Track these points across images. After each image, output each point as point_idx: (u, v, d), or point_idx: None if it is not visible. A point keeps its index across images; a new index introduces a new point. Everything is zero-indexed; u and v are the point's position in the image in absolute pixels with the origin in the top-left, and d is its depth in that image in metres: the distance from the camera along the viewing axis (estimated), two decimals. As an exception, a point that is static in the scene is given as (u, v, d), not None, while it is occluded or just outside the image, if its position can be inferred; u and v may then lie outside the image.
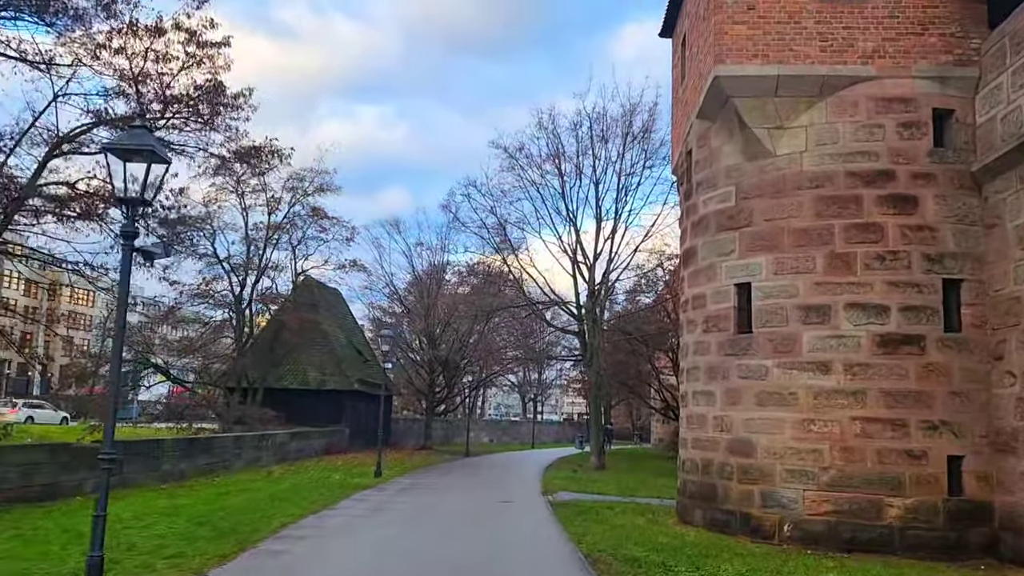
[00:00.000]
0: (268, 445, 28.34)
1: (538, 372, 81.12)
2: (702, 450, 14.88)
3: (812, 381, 13.15)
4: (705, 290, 15.09)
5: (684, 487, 15.65)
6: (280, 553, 10.91)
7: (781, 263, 13.68)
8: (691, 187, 15.98)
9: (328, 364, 38.91)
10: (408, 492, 20.22)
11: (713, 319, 14.79)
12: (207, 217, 32.32)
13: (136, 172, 7.75)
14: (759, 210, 14.08)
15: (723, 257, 14.64)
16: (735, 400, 14.08)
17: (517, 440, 63.93)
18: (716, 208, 14.92)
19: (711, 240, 14.99)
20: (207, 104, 19.36)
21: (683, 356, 16.40)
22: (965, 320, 12.94)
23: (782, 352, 13.48)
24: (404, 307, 47.63)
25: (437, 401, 47.28)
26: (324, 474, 24.55)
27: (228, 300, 33.87)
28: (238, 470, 24.76)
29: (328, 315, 41.49)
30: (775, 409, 13.44)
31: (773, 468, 13.35)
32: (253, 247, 34.06)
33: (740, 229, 14.34)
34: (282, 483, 21.46)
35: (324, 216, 34.14)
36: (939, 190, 13.15)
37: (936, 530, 12.37)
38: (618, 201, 32.75)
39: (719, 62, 13.76)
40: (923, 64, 13.40)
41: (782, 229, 13.74)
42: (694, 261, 15.60)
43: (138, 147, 7.41)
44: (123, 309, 7.52)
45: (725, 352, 14.40)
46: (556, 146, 32.58)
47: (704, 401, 14.90)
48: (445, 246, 45.08)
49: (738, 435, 13.93)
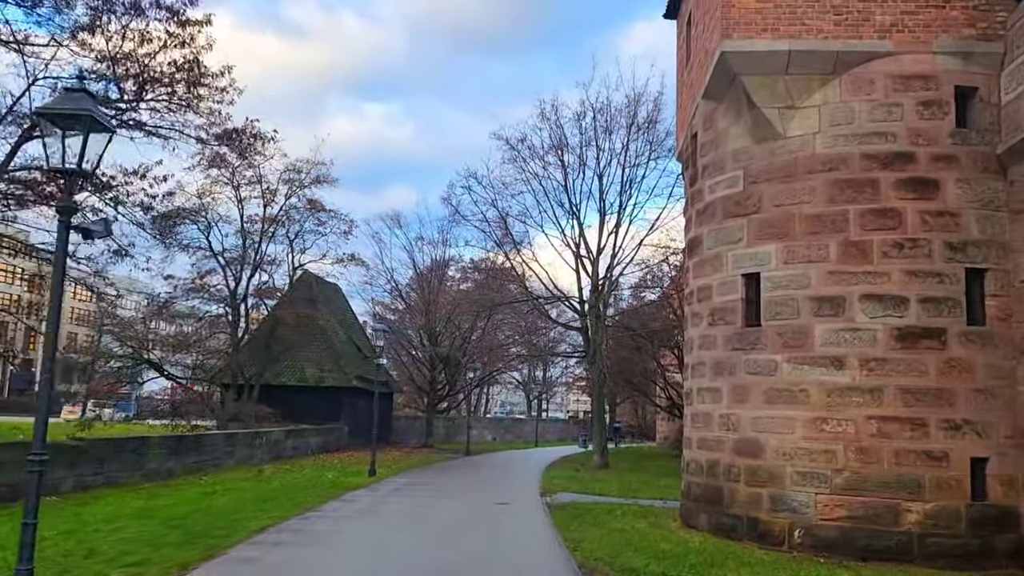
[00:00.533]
0: (262, 443, 27.61)
1: (543, 370, 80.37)
2: (707, 450, 14.03)
3: (825, 377, 12.29)
4: (711, 281, 14.24)
5: (688, 489, 14.80)
6: (250, 561, 10.11)
7: (792, 252, 12.82)
8: (696, 172, 15.12)
9: (327, 360, 38.17)
10: (400, 493, 19.42)
11: (719, 312, 13.94)
12: (200, 209, 31.63)
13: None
14: (768, 195, 13.22)
15: (730, 246, 13.78)
16: (742, 397, 13.24)
17: (521, 438, 63.01)
18: (723, 194, 14.06)
19: (717, 228, 14.14)
20: (185, 84, 18.53)
21: (688, 351, 15.55)
22: (989, 312, 12.07)
23: (793, 346, 12.62)
24: (405, 303, 46.83)
25: (438, 398, 46.49)
26: (318, 473, 23.80)
27: (223, 295, 33.14)
28: (229, 469, 24.05)
29: (327, 310, 40.72)
30: (785, 407, 12.59)
31: (783, 470, 12.50)
32: (249, 241, 33.33)
33: (748, 216, 13.48)
34: (272, 483, 20.72)
35: (321, 208, 33.40)
36: (962, 173, 12.26)
37: (958, 537, 11.50)
38: (622, 194, 32.01)
39: (726, 37, 12.89)
40: (944, 39, 12.51)
41: (793, 215, 12.88)
42: (699, 250, 14.75)
43: (74, 112, 6.59)
44: (59, 291, 6.73)
45: (732, 346, 13.55)
46: (559, 137, 31.82)
47: (710, 398, 14.05)
48: (446, 240, 44.25)
49: (745, 434, 13.08)
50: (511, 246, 34.15)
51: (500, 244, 34.58)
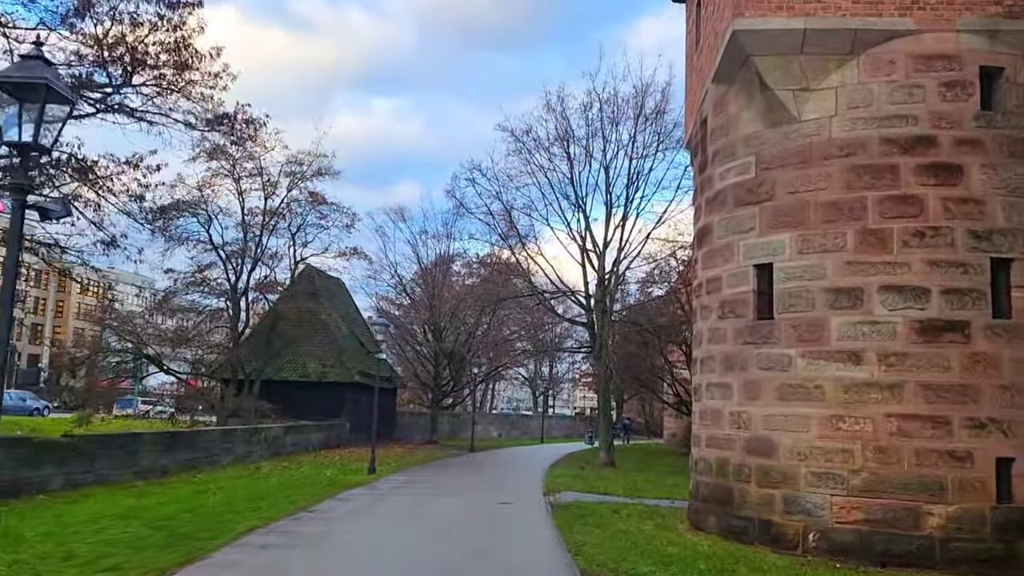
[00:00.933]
0: (260, 440, 27.12)
1: (549, 365, 79.77)
2: (717, 449, 13.42)
3: (841, 373, 11.67)
4: (721, 272, 13.62)
5: (697, 489, 14.20)
6: (231, 566, 9.54)
7: (807, 241, 12.19)
8: (706, 159, 14.50)
9: (329, 356, 37.68)
10: (400, 492, 18.88)
11: (730, 304, 13.32)
12: (200, 202, 31.17)
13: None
14: (782, 182, 12.59)
15: (741, 235, 13.16)
16: (754, 394, 12.62)
17: (527, 435, 62.48)
18: (734, 181, 13.44)
19: (728, 217, 13.52)
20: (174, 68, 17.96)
21: (696, 345, 14.94)
22: (1016, 304, 11.41)
23: (807, 340, 12.00)
24: (410, 298, 46.29)
25: (443, 394, 45.94)
26: (316, 470, 23.29)
27: (224, 288, 32.67)
28: (225, 466, 23.56)
29: (329, 305, 40.22)
30: (799, 404, 11.98)
31: (797, 470, 11.89)
32: (250, 234, 32.82)
33: (760, 204, 12.85)
34: (269, 480, 20.21)
35: (323, 201, 32.81)
36: (987, 158, 11.60)
37: (982, 541, 10.88)
38: (629, 186, 31.34)
39: (738, 15, 12.25)
40: (969, 16, 11.83)
41: (808, 203, 12.25)
42: (709, 240, 14.13)
43: (29, 80, 6.04)
44: (11, 276, 6.19)
45: (743, 340, 12.94)
46: (564, 128, 31.20)
47: (719, 394, 13.45)
48: (451, 234, 43.64)
49: (757, 433, 12.47)
50: (516, 240, 33.57)
51: (505, 238, 33.99)
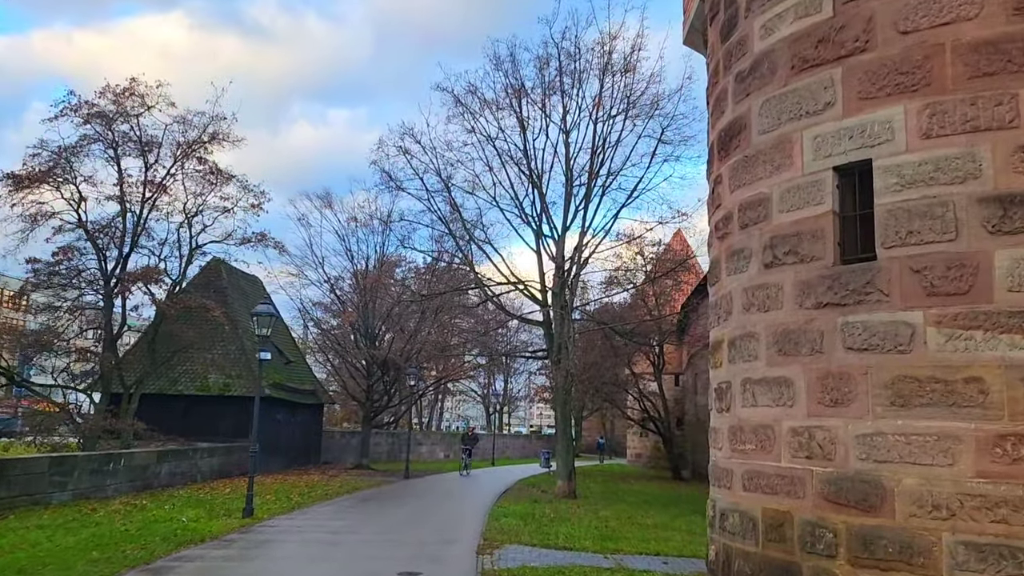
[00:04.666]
0: (119, 469, 20.77)
1: (504, 379, 73.76)
2: (766, 494, 7.72)
3: (1017, 353, 6.16)
4: (768, 189, 8.01)
5: (728, 560, 8.40)
6: None
7: (940, 115, 6.68)
8: (736, 11, 8.89)
9: (236, 365, 31.37)
10: (261, 551, 12.82)
11: (787, 240, 7.71)
12: (66, 169, 24.83)
13: None
14: (886, 16, 7.07)
15: (808, 119, 7.58)
16: (839, 395, 7.01)
17: (478, 456, 56.41)
18: (790, 32, 7.88)
19: (779, 93, 7.94)
20: None
21: (716, 319, 9.25)
22: None
23: (947, 294, 6.47)
24: (339, 298, 40.06)
25: (376, 410, 39.68)
26: (177, 511, 17.10)
27: (95, 277, 26.21)
28: (55, 506, 17.28)
29: (240, 306, 33.87)
30: (934, 412, 6.41)
31: (931, 537, 6.30)
32: (130, 214, 26.42)
33: (844, 59, 7.31)
34: (84, 531, 13.99)
35: (216, 171, 26.42)
36: None
37: None
38: (594, 156, 25.74)
39: None
40: None
41: (942, 46, 6.74)
42: (742, 141, 8.52)
43: None
44: None
45: (815, 301, 7.33)
46: (516, 82, 25.51)
47: (769, 397, 7.78)
48: (388, 222, 37.16)
49: (848, 466, 6.85)
50: (458, 223, 27.73)
51: (445, 222, 28.12)
